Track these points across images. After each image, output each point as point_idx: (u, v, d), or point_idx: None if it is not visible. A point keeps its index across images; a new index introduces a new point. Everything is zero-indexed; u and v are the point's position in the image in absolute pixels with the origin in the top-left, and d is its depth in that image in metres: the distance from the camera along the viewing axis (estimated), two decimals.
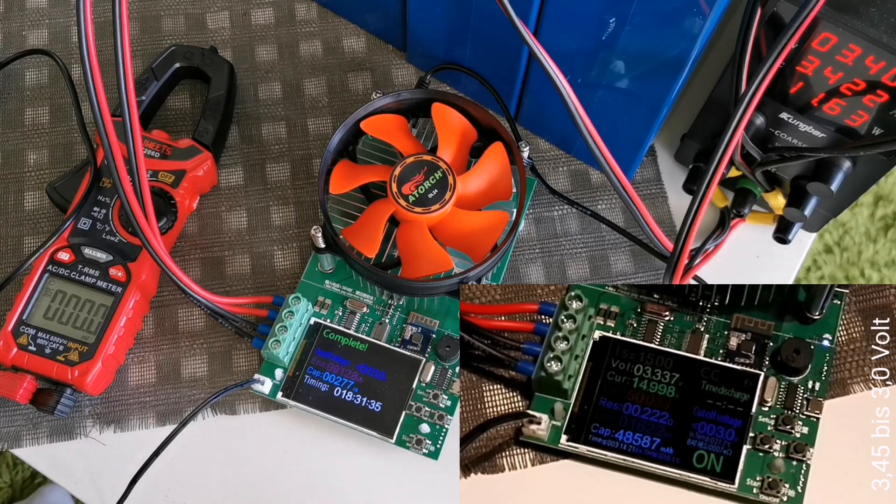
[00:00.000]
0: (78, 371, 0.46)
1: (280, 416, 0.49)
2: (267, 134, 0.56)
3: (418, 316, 0.50)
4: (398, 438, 0.47)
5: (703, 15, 0.40)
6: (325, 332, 0.49)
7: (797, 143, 0.46)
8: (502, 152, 0.49)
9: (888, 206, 1.18)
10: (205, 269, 0.52)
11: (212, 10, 0.59)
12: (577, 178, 0.55)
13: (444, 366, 0.49)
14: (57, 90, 0.56)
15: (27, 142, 0.55)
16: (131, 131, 0.43)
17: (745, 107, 0.41)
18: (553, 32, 0.46)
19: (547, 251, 0.53)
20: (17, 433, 0.48)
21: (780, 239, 0.52)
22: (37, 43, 0.58)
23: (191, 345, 0.50)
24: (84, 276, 0.48)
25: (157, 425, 0.49)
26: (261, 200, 0.54)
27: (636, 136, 0.50)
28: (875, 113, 0.42)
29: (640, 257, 0.53)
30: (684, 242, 0.44)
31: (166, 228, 0.50)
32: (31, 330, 0.47)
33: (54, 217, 0.53)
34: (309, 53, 0.58)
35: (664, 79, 0.45)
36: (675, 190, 0.55)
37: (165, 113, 0.56)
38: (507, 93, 0.53)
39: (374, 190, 0.51)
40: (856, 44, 0.40)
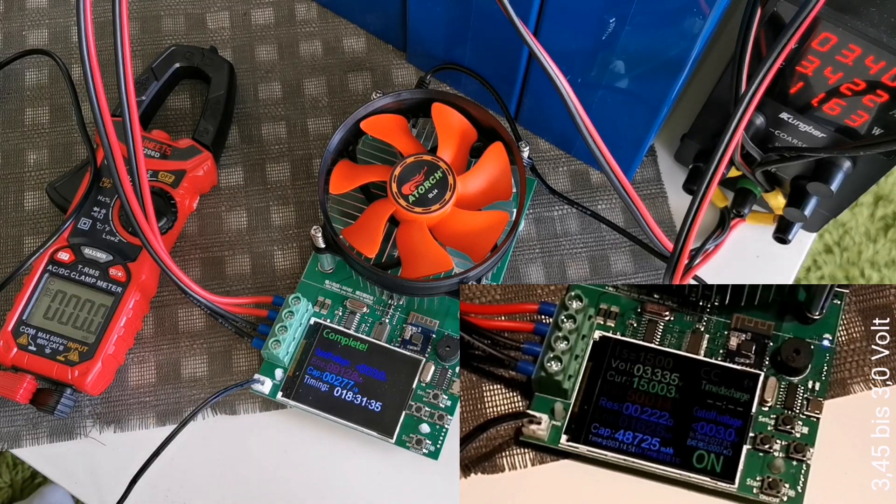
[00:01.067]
0: (78, 371, 0.46)
1: (280, 416, 0.49)
2: (267, 134, 0.56)
3: (418, 316, 0.50)
4: (398, 438, 0.47)
5: (703, 15, 0.40)
6: (325, 332, 0.49)
7: (797, 143, 0.46)
8: (502, 152, 0.49)
9: (888, 206, 1.18)
10: (205, 269, 0.52)
11: (212, 10, 0.59)
12: (577, 178, 0.55)
13: (444, 366, 0.49)
14: (57, 90, 0.56)
15: (27, 142, 0.55)
16: (131, 131, 0.43)
17: (745, 107, 0.41)
18: (553, 32, 0.46)
19: (547, 251, 0.53)
20: (17, 433, 0.48)
21: (780, 239, 0.52)
22: (37, 43, 0.58)
23: (191, 345, 0.50)
24: (84, 276, 0.48)
25: (157, 425, 0.49)
26: (261, 200, 0.54)
27: (636, 136, 0.50)
28: (875, 113, 0.42)
29: (640, 257, 0.53)
30: (684, 242, 0.44)
31: (166, 228, 0.50)
32: (31, 330, 0.47)
33: (54, 217, 0.53)
34: (309, 53, 0.58)
35: (664, 79, 0.45)
36: (675, 190, 0.55)
37: (165, 113, 0.56)
38: (507, 93, 0.53)
39: (374, 190, 0.51)
40: (856, 44, 0.39)
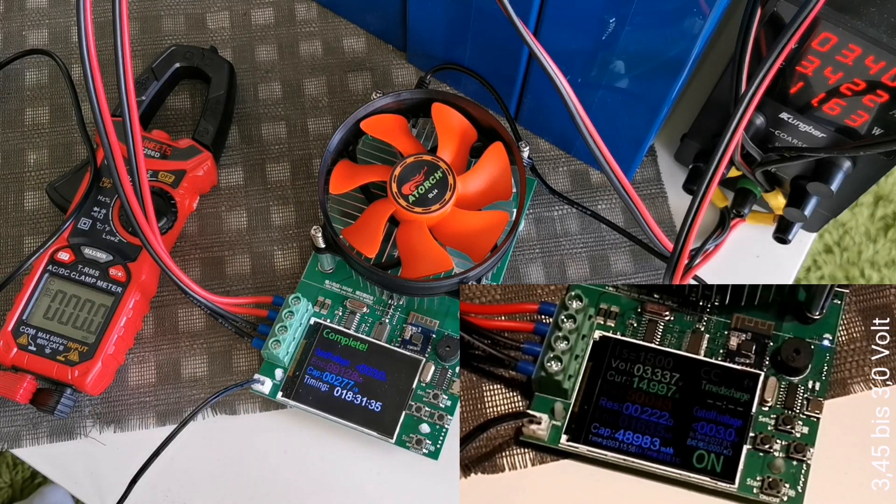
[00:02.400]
0: (78, 371, 0.46)
1: (280, 416, 0.49)
2: (267, 134, 0.56)
3: (418, 316, 0.50)
4: (398, 438, 0.47)
5: (703, 15, 0.40)
6: (325, 332, 0.49)
7: (797, 143, 0.46)
8: (502, 152, 0.49)
9: (888, 206, 1.18)
10: (205, 269, 0.52)
11: (212, 10, 0.59)
12: (577, 178, 0.55)
13: (444, 366, 0.49)
14: (57, 90, 0.56)
15: (27, 142, 0.55)
16: (131, 131, 0.43)
17: (745, 107, 0.41)
18: (553, 32, 0.46)
19: (547, 251, 0.53)
20: (17, 433, 0.48)
21: (780, 239, 0.52)
22: (37, 43, 0.58)
23: (191, 345, 0.50)
24: (84, 276, 0.48)
25: (157, 425, 0.49)
26: (261, 200, 0.54)
27: (636, 136, 0.50)
28: (875, 113, 0.42)
29: (640, 257, 0.53)
30: (684, 242, 0.44)
31: (166, 228, 0.50)
32: (31, 330, 0.47)
33: (54, 217, 0.53)
34: (309, 53, 0.58)
35: (664, 79, 0.45)
36: (675, 190, 0.55)
37: (165, 113, 0.56)
38: (507, 93, 0.53)
39: (374, 190, 0.51)
40: (856, 44, 0.39)
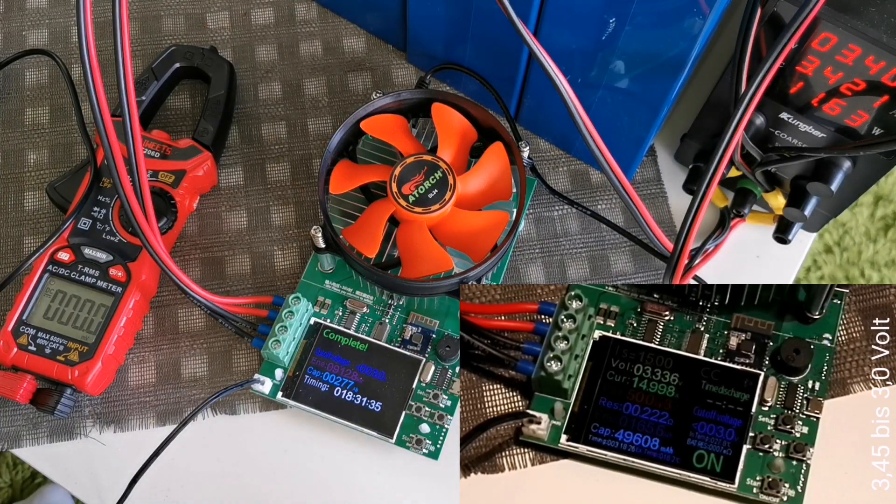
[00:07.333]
0: (78, 371, 0.46)
1: (280, 416, 0.49)
2: (267, 134, 0.56)
3: (418, 316, 0.50)
4: (398, 438, 0.47)
5: (703, 15, 0.40)
6: (325, 332, 0.49)
7: (797, 143, 0.46)
8: (502, 152, 0.49)
9: (888, 206, 1.18)
10: (205, 269, 0.52)
11: (212, 10, 0.59)
12: (577, 178, 0.55)
13: (444, 366, 0.49)
14: (57, 90, 0.56)
15: (27, 142, 0.55)
16: (131, 131, 0.43)
17: (745, 107, 0.41)
18: (553, 32, 0.46)
19: (547, 251, 0.53)
20: (17, 433, 0.48)
21: (780, 239, 0.52)
22: (37, 43, 0.58)
23: (191, 345, 0.50)
24: (84, 276, 0.48)
25: (157, 425, 0.49)
26: (261, 200, 0.54)
27: (636, 136, 0.50)
28: (875, 113, 0.42)
29: (640, 257, 0.53)
30: (684, 242, 0.44)
31: (166, 228, 0.50)
32: (31, 330, 0.47)
33: (54, 217, 0.53)
34: (309, 53, 0.58)
35: (664, 79, 0.45)
36: (675, 190, 0.55)
37: (165, 113, 0.56)
38: (507, 93, 0.53)
39: (374, 190, 0.51)
40: (856, 44, 0.39)
